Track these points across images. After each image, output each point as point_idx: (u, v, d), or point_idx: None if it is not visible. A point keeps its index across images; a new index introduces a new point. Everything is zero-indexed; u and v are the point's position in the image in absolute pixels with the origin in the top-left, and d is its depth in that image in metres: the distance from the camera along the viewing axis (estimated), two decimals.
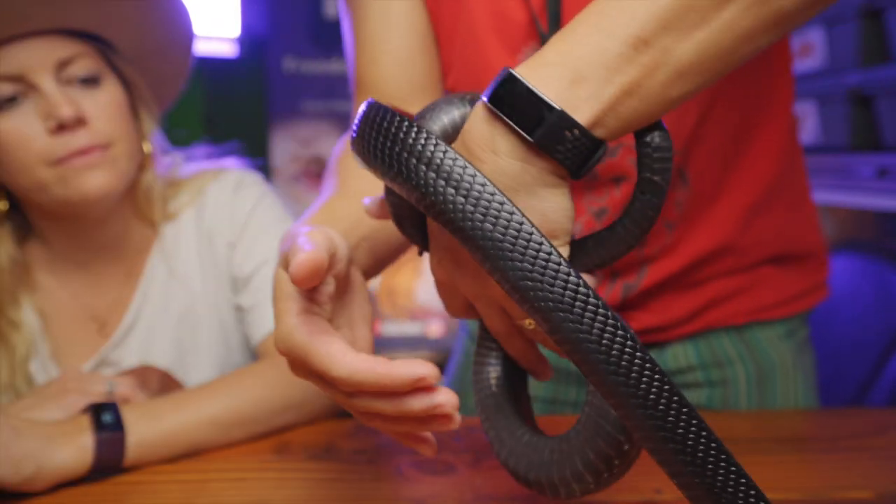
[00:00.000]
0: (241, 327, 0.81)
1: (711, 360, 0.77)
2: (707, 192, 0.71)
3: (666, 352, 0.77)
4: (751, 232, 0.74)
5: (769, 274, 0.76)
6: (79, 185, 0.69)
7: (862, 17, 1.39)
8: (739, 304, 0.76)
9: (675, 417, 0.34)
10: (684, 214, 0.71)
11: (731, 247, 0.73)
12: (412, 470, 0.61)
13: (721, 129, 0.69)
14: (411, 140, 0.35)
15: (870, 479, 0.58)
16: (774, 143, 0.73)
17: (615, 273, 0.73)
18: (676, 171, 0.70)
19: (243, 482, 0.59)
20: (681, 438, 0.34)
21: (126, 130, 0.73)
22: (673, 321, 0.75)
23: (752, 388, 0.77)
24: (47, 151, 0.68)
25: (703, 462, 0.35)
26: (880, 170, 1.36)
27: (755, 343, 0.77)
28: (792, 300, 0.77)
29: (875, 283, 1.11)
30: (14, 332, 0.73)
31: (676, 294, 0.74)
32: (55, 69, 0.69)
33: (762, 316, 0.76)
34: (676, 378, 0.77)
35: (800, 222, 0.78)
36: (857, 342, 1.10)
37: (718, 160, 0.71)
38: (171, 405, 0.64)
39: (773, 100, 0.72)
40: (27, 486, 0.56)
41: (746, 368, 0.77)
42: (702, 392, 0.77)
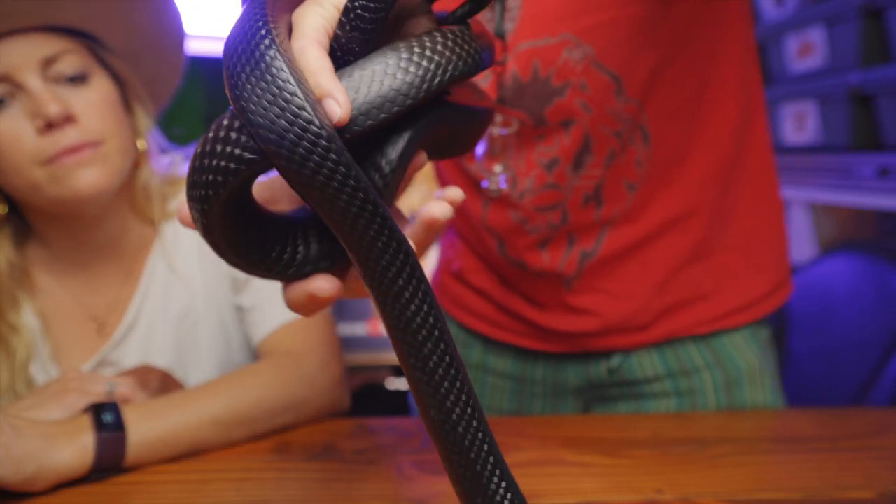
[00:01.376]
0: (242, 327, 0.81)
1: (678, 368, 0.76)
2: (669, 157, 0.70)
3: (631, 359, 0.76)
4: (716, 215, 0.73)
5: (734, 273, 0.75)
6: (71, 184, 0.68)
7: (863, 17, 1.39)
8: (704, 310, 0.74)
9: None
10: (646, 176, 0.69)
11: (693, 212, 0.71)
12: (412, 470, 0.61)
13: (680, 91, 0.68)
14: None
15: (870, 479, 0.58)
16: (730, 118, 0.71)
17: (573, 238, 0.72)
18: (637, 126, 0.67)
19: (244, 482, 0.60)
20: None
21: (118, 127, 0.72)
22: (636, 315, 0.73)
23: (721, 396, 0.76)
24: (37, 151, 0.67)
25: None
26: (881, 169, 1.36)
27: (721, 349, 0.76)
28: (756, 303, 0.76)
29: (875, 283, 1.11)
30: (14, 335, 0.73)
31: (637, 280, 0.72)
32: (41, 67, 0.68)
33: (727, 323, 0.75)
34: (643, 387, 0.77)
35: (765, 213, 0.77)
36: (858, 342, 1.10)
37: (679, 124, 0.69)
38: (171, 405, 0.64)
39: (726, 75, 0.70)
40: (28, 486, 0.56)
41: (714, 376, 0.75)
42: (671, 402, 0.77)
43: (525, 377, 0.81)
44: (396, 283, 0.33)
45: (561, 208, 0.70)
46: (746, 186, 0.74)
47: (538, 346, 0.79)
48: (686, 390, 0.76)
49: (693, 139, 0.70)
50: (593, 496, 0.56)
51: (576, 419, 0.75)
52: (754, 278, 0.76)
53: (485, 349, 0.83)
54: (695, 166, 0.71)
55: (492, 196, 0.71)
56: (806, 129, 1.61)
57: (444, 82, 0.35)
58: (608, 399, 0.79)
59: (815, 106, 1.56)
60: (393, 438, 0.68)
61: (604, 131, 0.66)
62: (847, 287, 1.15)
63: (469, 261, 0.81)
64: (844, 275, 1.17)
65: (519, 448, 0.65)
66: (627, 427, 0.70)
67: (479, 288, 0.81)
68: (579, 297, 0.74)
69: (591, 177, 0.68)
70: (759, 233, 0.76)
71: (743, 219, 0.74)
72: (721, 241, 0.74)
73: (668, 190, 0.71)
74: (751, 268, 0.75)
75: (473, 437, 0.36)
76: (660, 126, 0.68)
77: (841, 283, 1.16)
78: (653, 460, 0.62)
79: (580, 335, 0.75)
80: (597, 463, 0.62)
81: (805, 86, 1.58)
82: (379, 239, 0.32)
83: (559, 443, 0.66)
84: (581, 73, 0.63)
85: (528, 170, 0.69)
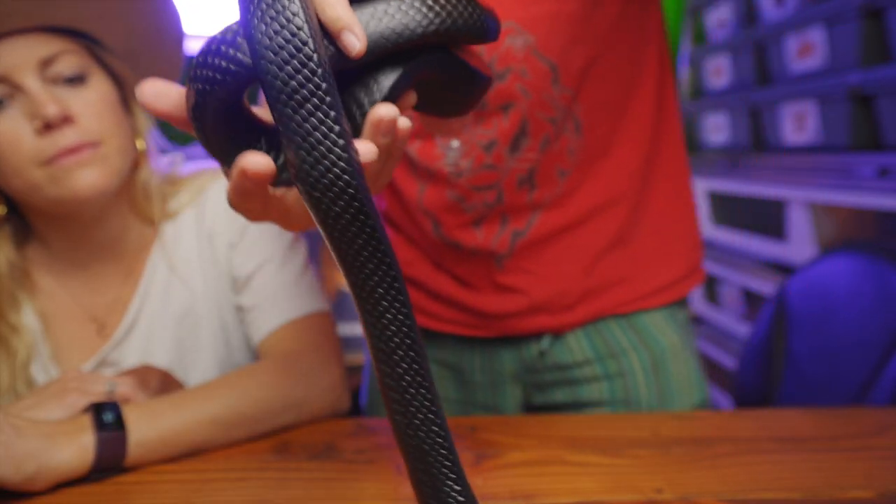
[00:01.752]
0: (242, 327, 0.81)
1: (606, 351, 0.80)
2: (597, 147, 0.75)
3: (561, 343, 0.80)
4: (635, 205, 0.78)
5: (650, 258, 0.80)
6: (70, 184, 0.68)
7: (863, 17, 1.39)
8: (624, 292, 0.79)
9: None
10: (576, 164, 0.75)
11: (616, 201, 0.77)
12: None
13: (609, 87, 0.74)
14: None
15: (870, 479, 0.58)
16: (650, 117, 0.78)
17: (506, 218, 0.76)
18: (570, 116, 0.73)
19: (244, 482, 0.60)
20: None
21: (117, 127, 0.72)
22: (561, 295, 0.77)
23: (650, 376, 0.80)
24: (36, 152, 0.67)
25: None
26: (881, 169, 1.36)
27: (643, 329, 0.80)
28: (670, 286, 0.81)
29: (875, 283, 1.11)
30: (14, 336, 0.73)
31: (564, 262, 0.77)
32: (39, 68, 0.68)
33: (645, 304, 0.80)
34: (575, 372, 0.81)
35: (678, 204, 0.83)
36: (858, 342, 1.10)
37: (607, 118, 0.75)
38: (171, 405, 0.64)
39: (648, 78, 0.77)
40: (28, 486, 0.56)
41: (640, 357, 0.80)
42: (602, 386, 0.80)
43: (464, 366, 0.85)
44: (361, 256, 0.34)
45: (497, 188, 0.74)
46: (662, 180, 0.80)
47: (472, 332, 0.82)
48: (616, 373, 0.80)
49: (618, 133, 0.76)
50: (593, 496, 0.56)
51: (576, 419, 0.75)
52: (669, 264, 0.82)
53: (425, 340, 0.86)
54: (619, 158, 0.77)
55: (447, 170, 0.74)
56: (806, 129, 1.61)
57: (450, 29, 0.38)
58: (545, 386, 0.83)
59: (815, 106, 1.56)
60: (393, 439, 0.68)
61: (540, 117, 0.72)
62: (847, 287, 1.15)
63: (402, 251, 0.84)
64: (844, 275, 1.17)
65: (519, 448, 0.65)
66: (627, 427, 0.70)
67: (412, 278, 0.84)
68: (509, 276, 0.78)
69: (527, 160, 0.73)
70: (673, 222, 0.82)
71: (658, 209, 0.80)
72: (639, 229, 0.80)
73: (596, 179, 0.76)
74: (665, 255, 0.81)
75: (433, 443, 0.38)
76: (590, 118, 0.74)
77: (841, 283, 1.16)
78: (653, 460, 0.62)
79: (510, 315, 0.79)
80: (597, 463, 0.62)
81: (805, 86, 1.58)
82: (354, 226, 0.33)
83: (559, 443, 0.66)
84: (522, 59, 0.69)
85: (468, 150, 0.73)
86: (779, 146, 1.75)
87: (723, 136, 2.06)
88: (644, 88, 0.77)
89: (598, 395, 0.80)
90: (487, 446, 0.65)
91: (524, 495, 0.56)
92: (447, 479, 0.38)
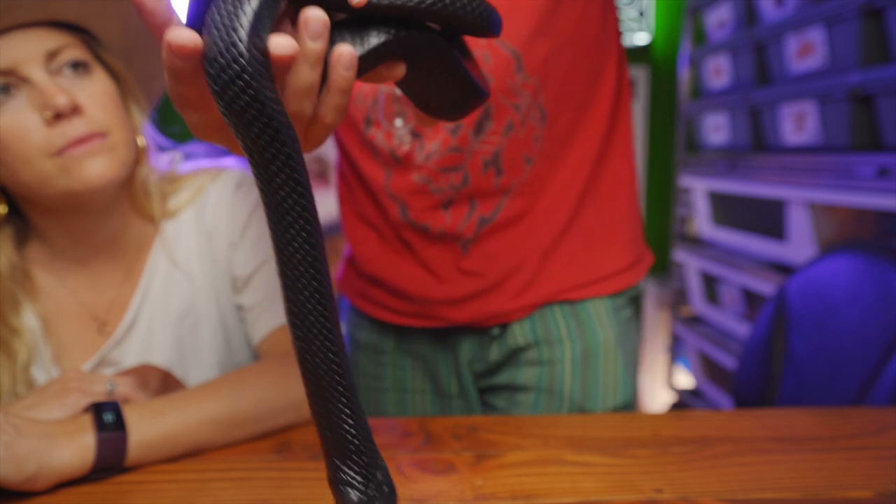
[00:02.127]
0: (242, 326, 0.81)
1: (544, 336, 0.83)
2: (561, 136, 0.79)
3: (510, 329, 0.83)
4: (586, 193, 0.82)
5: (597, 245, 0.83)
6: (80, 174, 0.69)
7: (862, 17, 1.39)
8: (572, 276, 0.82)
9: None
10: (541, 151, 0.78)
11: (573, 188, 0.81)
12: (412, 470, 0.61)
13: (573, 79, 0.77)
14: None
15: (870, 479, 0.58)
16: (607, 112, 0.82)
17: (473, 203, 0.79)
18: (536, 104, 0.76)
19: (244, 482, 0.60)
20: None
21: (120, 119, 0.73)
22: (516, 275, 0.81)
23: (577, 368, 0.83)
24: (46, 142, 0.68)
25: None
26: (881, 169, 1.36)
27: (585, 318, 0.83)
28: (615, 274, 0.84)
29: (875, 283, 1.11)
30: (15, 338, 0.73)
31: (525, 246, 0.80)
32: (45, 60, 0.68)
33: (591, 291, 0.83)
34: (518, 356, 0.84)
35: (624, 197, 0.86)
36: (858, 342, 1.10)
37: (571, 108, 0.79)
38: (172, 404, 0.64)
39: (607, 75, 0.81)
40: (29, 486, 0.56)
41: (573, 348, 0.83)
42: (535, 371, 0.84)
43: (430, 357, 0.88)
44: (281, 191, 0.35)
45: (462, 171, 0.77)
46: (611, 169, 0.84)
47: (432, 324, 0.85)
48: (547, 359, 0.83)
49: (581, 123, 0.80)
50: (593, 496, 0.56)
51: (576, 419, 0.75)
52: (614, 252, 0.85)
53: (398, 336, 0.90)
54: (579, 147, 0.81)
55: (395, 149, 0.77)
56: (806, 129, 1.61)
57: (453, 12, 0.40)
58: (493, 370, 0.86)
59: (814, 106, 1.56)
60: (393, 438, 0.68)
61: (503, 102, 0.75)
62: (847, 287, 1.15)
63: (369, 246, 0.87)
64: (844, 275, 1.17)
65: (519, 448, 0.65)
66: (627, 427, 0.70)
67: (376, 276, 0.87)
68: (472, 261, 0.81)
69: (491, 143, 0.76)
70: (619, 211, 0.85)
71: (606, 198, 0.84)
72: (589, 217, 0.83)
73: (559, 166, 0.80)
74: (611, 243, 0.85)
75: (328, 368, 0.38)
76: (555, 107, 0.77)
77: (840, 282, 1.16)
78: (653, 460, 0.62)
79: (467, 298, 0.82)
80: (597, 463, 0.62)
81: (805, 86, 1.58)
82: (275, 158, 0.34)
83: (559, 442, 0.66)
84: (485, 45, 0.72)
85: (434, 134, 0.76)
86: (778, 146, 1.75)
87: (723, 136, 2.07)
88: (605, 84, 0.81)
89: (530, 380, 0.84)
90: (487, 446, 0.66)
91: (524, 495, 0.56)
92: (339, 402, 0.39)
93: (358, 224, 0.88)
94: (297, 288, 0.37)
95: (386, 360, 0.91)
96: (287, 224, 0.36)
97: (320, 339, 0.37)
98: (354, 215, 0.88)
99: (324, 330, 0.37)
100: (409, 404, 0.90)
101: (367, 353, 0.92)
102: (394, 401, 0.91)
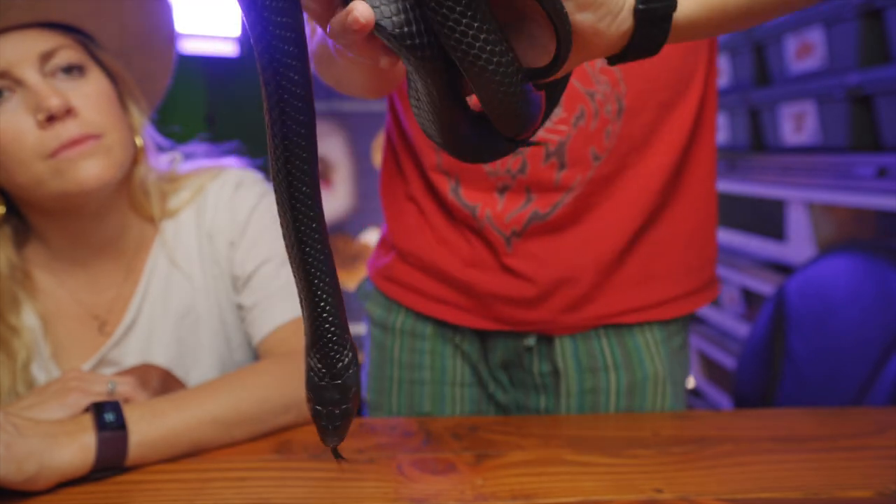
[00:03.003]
0: (243, 326, 0.81)
1: (588, 364, 0.78)
2: (637, 137, 0.72)
3: (550, 348, 0.78)
4: (658, 207, 0.75)
5: (663, 266, 0.77)
6: (75, 176, 0.68)
7: (862, 17, 1.39)
8: (634, 298, 0.76)
9: None
10: (613, 150, 0.71)
11: (641, 199, 0.74)
12: (412, 470, 0.61)
13: (658, 77, 0.71)
14: None
15: (870, 479, 0.58)
16: (689, 120, 0.75)
17: (530, 195, 0.73)
18: (615, 96, 0.70)
19: (244, 481, 0.60)
20: None
21: (116, 120, 0.73)
22: (572, 287, 0.74)
23: (622, 398, 0.78)
24: (40, 145, 0.67)
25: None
26: (880, 169, 1.36)
27: (633, 349, 0.78)
28: (682, 298, 0.78)
29: (875, 283, 1.11)
30: (15, 337, 0.73)
31: (579, 254, 0.74)
32: (39, 62, 0.68)
33: (647, 316, 0.77)
34: (559, 382, 0.78)
35: (701, 216, 0.79)
36: (858, 342, 1.10)
37: (652, 108, 0.72)
38: (172, 404, 0.64)
39: (696, 80, 0.75)
40: (29, 485, 0.56)
41: (619, 378, 0.78)
42: (572, 401, 0.78)
43: (477, 355, 0.83)
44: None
45: (521, 156, 0.71)
46: (689, 188, 0.77)
47: (465, 317, 0.79)
48: (589, 388, 0.78)
49: (661, 129, 0.73)
50: (593, 496, 0.56)
51: (576, 419, 0.75)
52: (678, 277, 0.78)
53: (448, 331, 0.82)
54: (657, 155, 0.73)
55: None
56: (805, 129, 1.61)
57: None
58: (520, 385, 0.81)
59: (814, 106, 1.56)
60: (393, 438, 0.68)
61: (577, 86, 0.69)
62: (846, 287, 1.15)
63: (411, 218, 0.81)
64: (844, 275, 1.17)
65: (519, 448, 0.65)
66: (627, 427, 0.70)
67: (414, 253, 0.81)
68: (516, 259, 0.75)
69: (557, 132, 0.70)
70: (693, 233, 0.78)
71: (680, 217, 0.77)
72: (658, 234, 0.76)
73: (630, 171, 0.73)
74: (677, 268, 0.78)
75: (315, 259, 0.39)
76: (635, 103, 0.71)
77: (840, 283, 1.17)
78: (653, 460, 0.62)
79: (513, 301, 0.76)
80: (597, 463, 0.62)
81: (804, 86, 1.58)
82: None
83: (559, 443, 0.66)
84: None
85: None
86: (778, 146, 1.75)
87: (722, 137, 2.06)
88: (693, 88, 0.74)
89: (570, 408, 0.79)
90: (488, 446, 0.66)
91: (524, 495, 0.56)
92: (321, 291, 0.39)
93: (402, 200, 0.83)
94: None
95: (424, 347, 0.83)
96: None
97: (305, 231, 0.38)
98: (398, 191, 0.83)
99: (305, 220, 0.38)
100: (448, 399, 0.83)
101: (402, 339, 0.84)
102: (430, 393, 0.83)
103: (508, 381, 0.83)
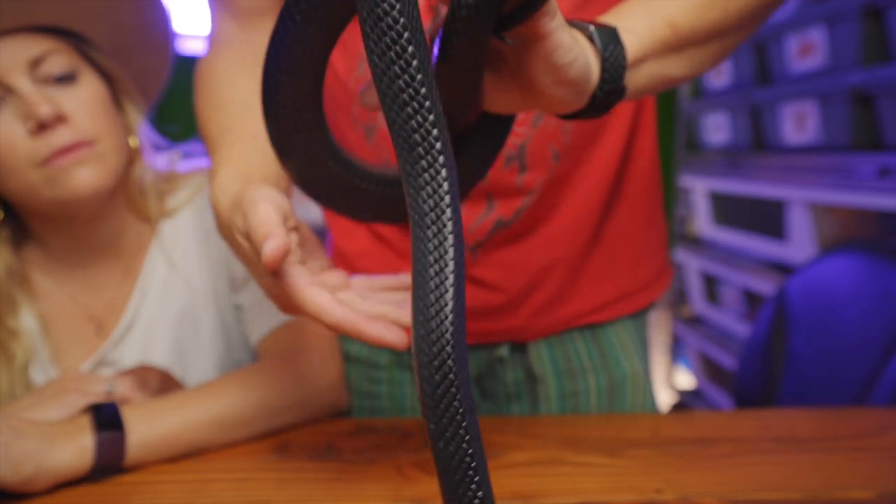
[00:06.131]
0: (241, 326, 0.81)
1: (566, 367, 0.77)
2: (588, 131, 0.72)
3: (524, 355, 0.77)
4: (611, 200, 0.76)
5: (621, 259, 0.78)
6: (67, 184, 0.68)
7: (863, 17, 1.39)
8: (595, 294, 0.76)
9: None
10: (569, 145, 0.71)
11: (596, 193, 0.74)
12: (412, 470, 0.61)
13: None
14: None
15: (870, 479, 0.58)
16: (630, 111, 0.76)
17: (492, 203, 0.71)
18: None
19: (244, 482, 0.59)
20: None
21: (110, 125, 0.72)
22: (540, 292, 0.74)
23: (603, 401, 0.78)
24: (31, 153, 0.67)
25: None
26: (881, 169, 1.36)
27: (609, 347, 0.78)
28: (644, 288, 0.79)
29: (876, 283, 1.11)
30: (13, 340, 0.73)
31: (544, 257, 0.74)
32: (28, 68, 0.68)
33: (618, 311, 0.77)
34: (537, 388, 0.78)
35: (648, 203, 0.80)
36: (858, 342, 1.10)
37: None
38: (171, 405, 0.64)
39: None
40: (27, 487, 0.56)
41: (598, 380, 0.78)
42: (552, 404, 0.78)
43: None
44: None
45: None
46: (637, 171, 0.78)
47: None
48: (570, 392, 0.78)
49: (608, 116, 0.73)
50: (593, 496, 0.56)
51: (576, 419, 0.75)
52: (640, 264, 0.79)
53: (392, 355, 0.80)
54: (605, 146, 0.74)
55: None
56: (806, 128, 1.61)
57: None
58: (495, 396, 0.80)
59: (815, 106, 1.56)
60: (393, 438, 0.68)
61: None
62: (847, 287, 1.15)
63: (362, 241, 0.79)
64: (845, 275, 1.17)
65: (519, 448, 0.65)
66: (627, 427, 0.70)
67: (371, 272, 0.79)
68: (483, 269, 0.74)
69: (517, 134, 0.69)
70: (646, 218, 0.80)
71: (634, 201, 0.78)
72: (617, 223, 0.77)
73: (586, 164, 0.73)
74: (638, 254, 0.79)
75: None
76: None
77: (841, 282, 1.16)
78: (653, 460, 0.62)
79: (481, 311, 0.74)
80: (597, 463, 0.62)
81: (805, 85, 1.58)
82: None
83: (559, 443, 0.66)
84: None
85: None
86: (779, 146, 1.75)
87: (723, 136, 2.06)
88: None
89: (545, 413, 0.78)
90: (488, 446, 0.65)
91: (525, 495, 0.56)
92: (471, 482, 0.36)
93: (350, 221, 0.80)
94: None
95: (381, 377, 0.81)
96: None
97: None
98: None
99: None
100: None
101: (358, 368, 0.81)
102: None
103: (479, 393, 0.81)
